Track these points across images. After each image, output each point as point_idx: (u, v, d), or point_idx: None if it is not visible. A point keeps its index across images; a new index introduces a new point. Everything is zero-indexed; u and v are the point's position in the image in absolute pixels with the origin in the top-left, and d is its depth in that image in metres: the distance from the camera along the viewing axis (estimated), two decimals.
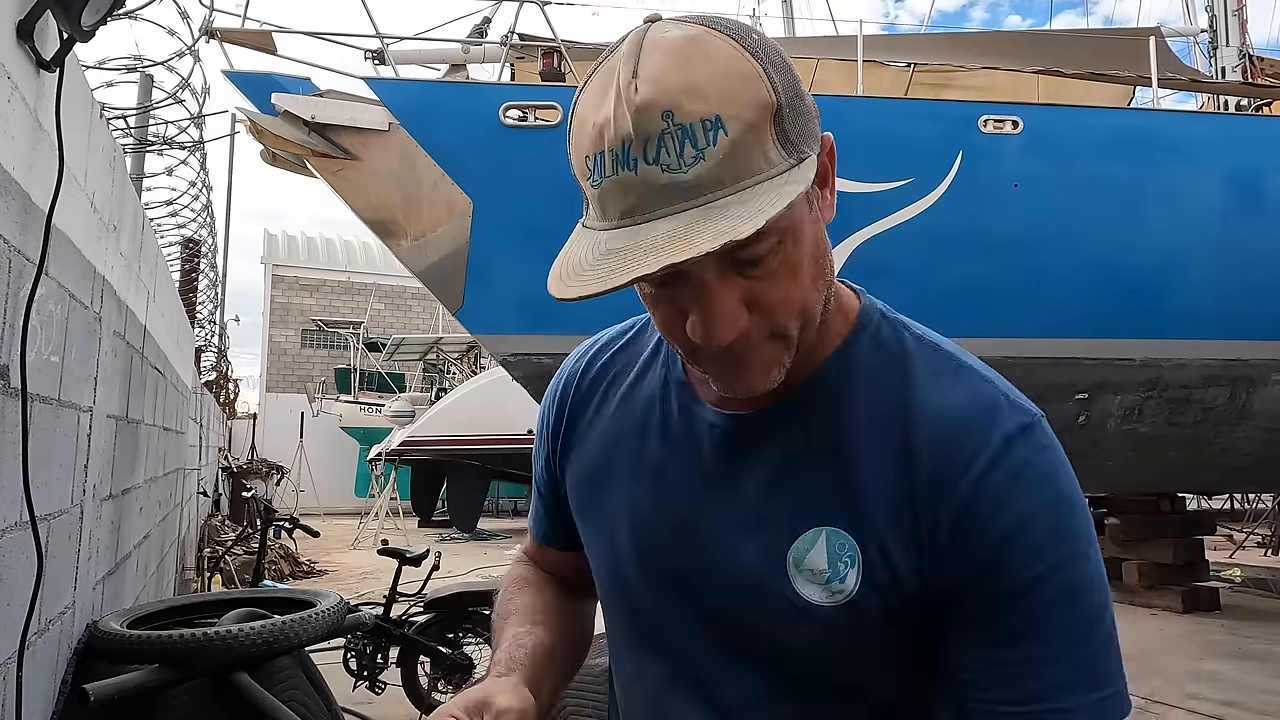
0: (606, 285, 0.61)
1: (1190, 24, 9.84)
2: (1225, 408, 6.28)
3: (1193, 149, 6.11)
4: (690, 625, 0.78)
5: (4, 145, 1.42)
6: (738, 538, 0.76)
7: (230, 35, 5.42)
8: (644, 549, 0.81)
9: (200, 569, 6.71)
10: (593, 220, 0.67)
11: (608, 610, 0.89)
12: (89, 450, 2.20)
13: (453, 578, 7.09)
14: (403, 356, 19.84)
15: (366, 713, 4.06)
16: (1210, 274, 5.91)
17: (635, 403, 0.87)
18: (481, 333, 6.08)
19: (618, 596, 0.85)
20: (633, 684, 0.85)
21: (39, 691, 1.77)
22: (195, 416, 7.04)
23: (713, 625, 0.77)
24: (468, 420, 13.71)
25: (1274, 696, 4.85)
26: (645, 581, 0.81)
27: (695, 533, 0.78)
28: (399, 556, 4.60)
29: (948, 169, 5.70)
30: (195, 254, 7.38)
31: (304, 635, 2.12)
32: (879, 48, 7.82)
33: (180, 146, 5.05)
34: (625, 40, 0.65)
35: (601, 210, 0.65)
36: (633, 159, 0.60)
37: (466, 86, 5.98)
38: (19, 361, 1.46)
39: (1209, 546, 8.41)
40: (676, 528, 0.79)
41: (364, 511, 14.66)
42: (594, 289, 0.62)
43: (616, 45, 0.65)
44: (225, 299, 12.83)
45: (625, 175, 0.61)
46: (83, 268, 2.06)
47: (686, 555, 0.78)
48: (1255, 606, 7.70)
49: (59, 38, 1.66)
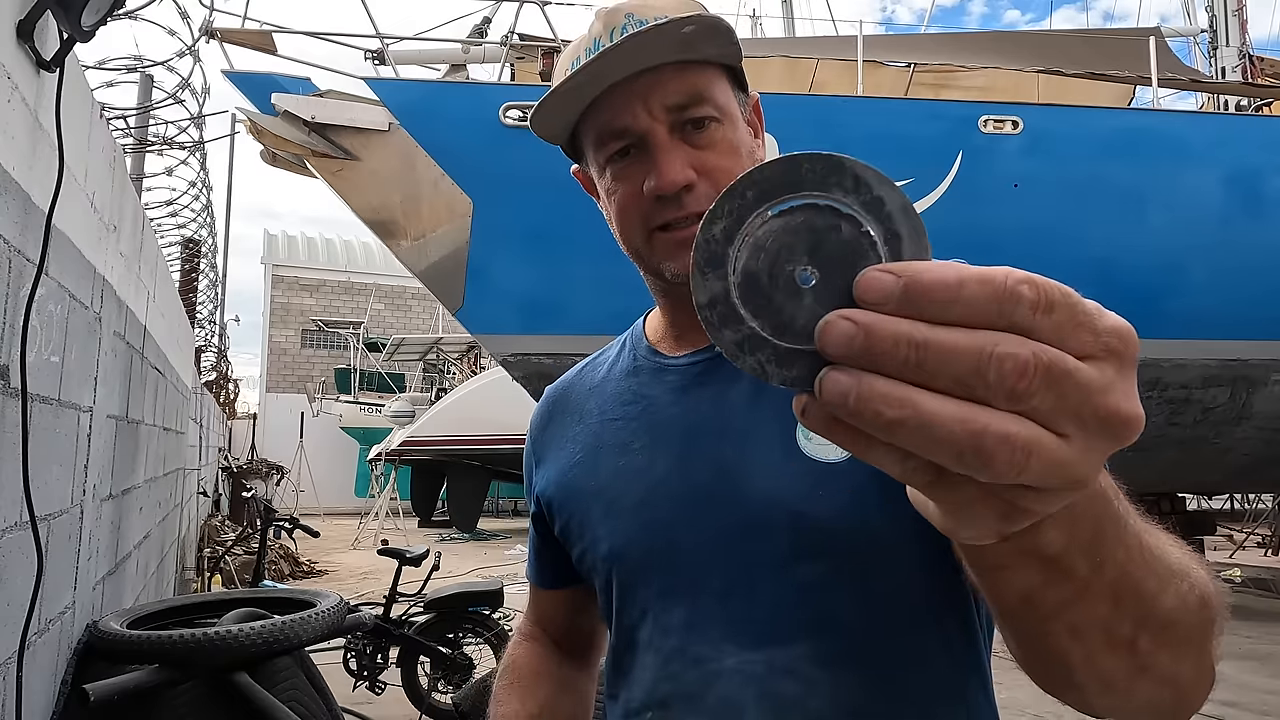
0: (584, 85, 0.75)
1: (1190, 24, 9.85)
2: (1225, 408, 6.28)
3: (1193, 149, 6.11)
4: (716, 552, 0.76)
5: (4, 145, 1.42)
6: (745, 443, 0.76)
7: (230, 35, 5.42)
8: (660, 498, 0.79)
9: (200, 569, 6.71)
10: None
11: (610, 593, 0.85)
12: (89, 450, 2.20)
13: (453, 578, 7.10)
14: (403, 356, 19.84)
15: (366, 713, 4.06)
16: (1210, 274, 5.91)
17: (609, 386, 0.89)
18: (481, 333, 6.08)
19: (631, 563, 0.82)
20: (644, 654, 0.81)
21: (39, 691, 1.77)
22: (195, 416, 7.04)
23: (749, 541, 0.75)
24: (468, 420, 13.71)
25: (1274, 696, 4.85)
26: (662, 530, 0.79)
27: (706, 460, 0.78)
28: (399, 556, 4.60)
29: (948, 169, 5.71)
30: (195, 254, 7.38)
31: (304, 635, 2.12)
32: (879, 48, 7.83)
33: (180, 146, 5.05)
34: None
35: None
36: (600, 45, 0.74)
37: (466, 86, 5.98)
38: (19, 361, 1.46)
39: (1209, 546, 8.42)
40: (685, 464, 0.79)
41: (364, 511, 14.68)
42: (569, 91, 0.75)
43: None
44: (225, 299, 12.84)
45: (592, 57, 0.74)
46: (83, 268, 2.06)
47: (708, 483, 0.77)
48: (1255, 606, 7.70)
49: (59, 38, 1.66)
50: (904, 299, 0.30)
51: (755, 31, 15.79)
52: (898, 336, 0.30)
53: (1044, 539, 0.39)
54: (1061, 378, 0.30)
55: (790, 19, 13.49)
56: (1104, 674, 0.48)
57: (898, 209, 0.32)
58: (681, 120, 0.76)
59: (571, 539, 0.88)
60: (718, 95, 0.77)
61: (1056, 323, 0.31)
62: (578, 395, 0.93)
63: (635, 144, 0.77)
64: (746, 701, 0.72)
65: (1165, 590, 0.46)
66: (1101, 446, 0.32)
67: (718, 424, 0.78)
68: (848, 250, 0.32)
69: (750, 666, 0.73)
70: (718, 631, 0.75)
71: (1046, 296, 0.31)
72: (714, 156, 0.77)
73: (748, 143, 0.80)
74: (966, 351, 0.30)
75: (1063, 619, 0.45)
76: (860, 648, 0.72)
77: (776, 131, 6.19)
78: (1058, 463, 0.31)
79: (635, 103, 0.75)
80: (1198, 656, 0.50)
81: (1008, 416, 0.30)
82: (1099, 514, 0.41)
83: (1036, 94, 7.32)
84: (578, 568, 0.89)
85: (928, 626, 0.73)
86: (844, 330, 0.31)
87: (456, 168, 5.52)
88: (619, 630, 0.84)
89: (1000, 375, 0.29)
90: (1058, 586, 0.43)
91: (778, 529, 0.73)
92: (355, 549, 12.02)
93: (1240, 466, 6.93)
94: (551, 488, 0.90)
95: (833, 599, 0.72)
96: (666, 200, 0.76)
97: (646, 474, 0.81)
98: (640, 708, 0.79)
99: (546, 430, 0.94)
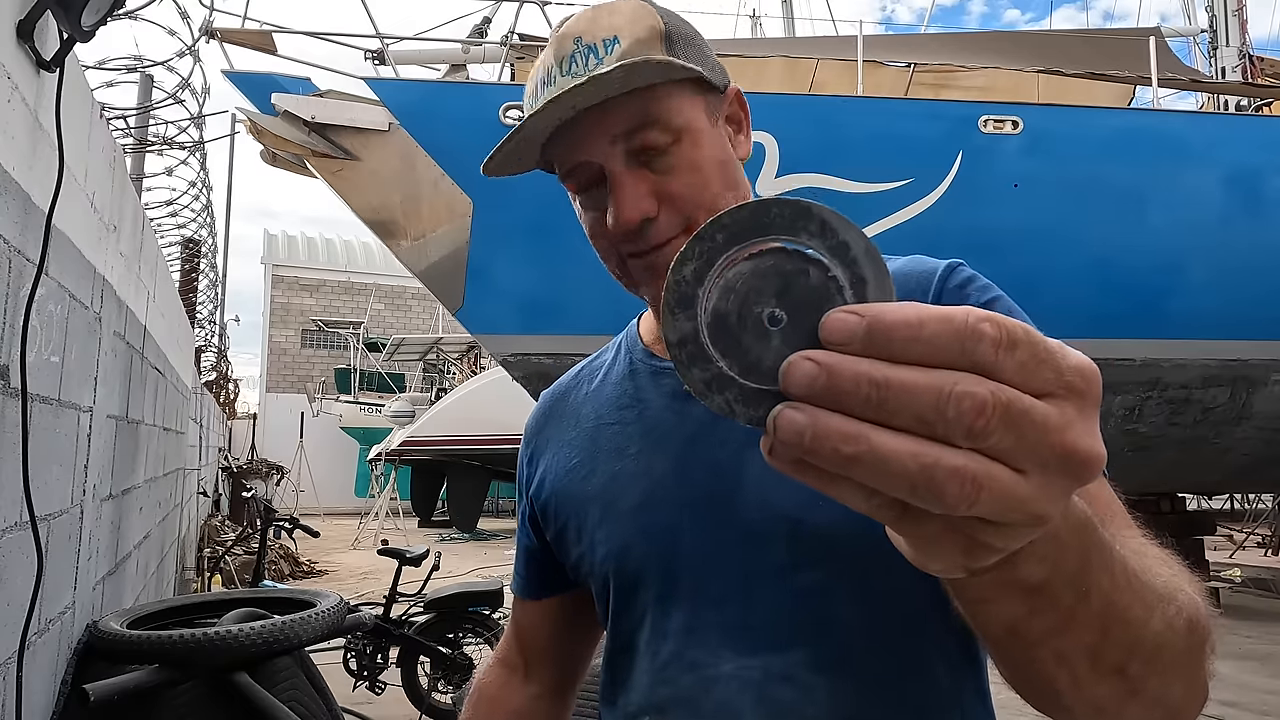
0: (516, 141, 0.75)
1: (1190, 24, 9.85)
2: (1225, 408, 6.28)
3: (1193, 149, 6.11)
4: (714, 557, 0.75)
5: (4, 145, 1.42)
6: (743, 448, 0.75)
7: (230, 35, 5.42)
8: (658, 502, 0.79)
9: (200, 569, 6.72)
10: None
11: (607, 598, 0.84)
12: (89, 450, 2.20)
13: (453, 578, 7.10)
14: (403, 357, 19.85)
15: (366, 713, 4.06)
16: (1210, 274, 5.91)
17: (606, 390, 0.89)
18: (481, 333, 6.08)
19: (629, 566, 0.81)
20: (641, 659, 0.80)
21: (39, 691, 1.77)
22: (195, 416, 7.04)
23: (748, 546, 0.75)
24: (468, 420, 13.72)
25: (1274, 696, 4.85)
26: (660, 534, 0.78)
27: (704, 465, 0.77)
28: (399, 556, 4.60)
29: (948, 169, 5.71)
30: (195, 254, 7.38)
31: (304, 635, 2.12)
32: (879, 48, 7.83)
33: (180, 146, 5.05)
34: None
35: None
36: (553, 77, 0.75)
37: (466, 86, 5.98)
38: (19, 361, 1.46)
39: (1209, 546, 8.42)
40: (683, 467, 0.78)
41: (364, 512, 14.68)
42: (504, 147, 0.76)
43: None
44: (225, 299, 12.84)
45: (548, 91, 0.74)
46: (83, 268, 2.06)
47: (706, 487, 0.77)
48: (1255, 606, 7.71)
49: (59, 38, 1.66)
50: (868, 338, 0.31)
51: (755, 31, 15.80)
52: (858, 376, 0.31)
53: (1023, 571, 0.40)
54: (1019, 416, 0.31)
55: (790, 19, 13.50)
56: (1093, 699, 0.48)
57: (862, 253, 0.34)
58: (636, 148, 0.74)
59: (568, 544, 0.87)
60: (672, 115, 0.74)
61: (1019, 361, 0.31)
62: (574, 400, 0.92)
63: (595, 177, 0.76)
64: (743, 707, 0.72)
65: (1152, 616, 0.46)
66: (1061, 484, 0.33)
67: (715, 428, 0.78)
68: (814, 294, 0.33)
69: (747, 672, 0.72)
70: (715, 637, 0.74)
71: (1009, 335, 0.31)
72: (674, 182, 0.75)
73: (717, 152, 0.78)
74: (926, 390, 0.30)
75: (1049, 646, 0.45)
76: (857, 654, 0.71)
77: (776, 132, 6.19)
78: (1013, 497, 0.31)
79: (587, 138, 0.75)
80: (1188, 678, 0.50)
81: (961, 452, 0.31)
82: (1084, 544, 0.42)
83: (1036, 94, 7.32)
84: (573, 574, 0.89)
85: (925, 633, 0.73)
86: (806, 371, 0.31)
87: (456, 168, 5.52)
88: (615, 634, 0.84)
89: (959, 413, 0.30)
90: (1042, 616, 0.43)
91: (777, 536, 0.73)
92: (355, 549, 12.02)
93: (1240, 466, 6.93)
94: (547, 492, 0.89)
95: (831, 605, 0.72)
96: (631, 232, 0.75)
97: (644, 478, 0.80)
98: (637, 712, 0.79)
99: (542, 434, 0.94)
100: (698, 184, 0.75)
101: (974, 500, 0.31)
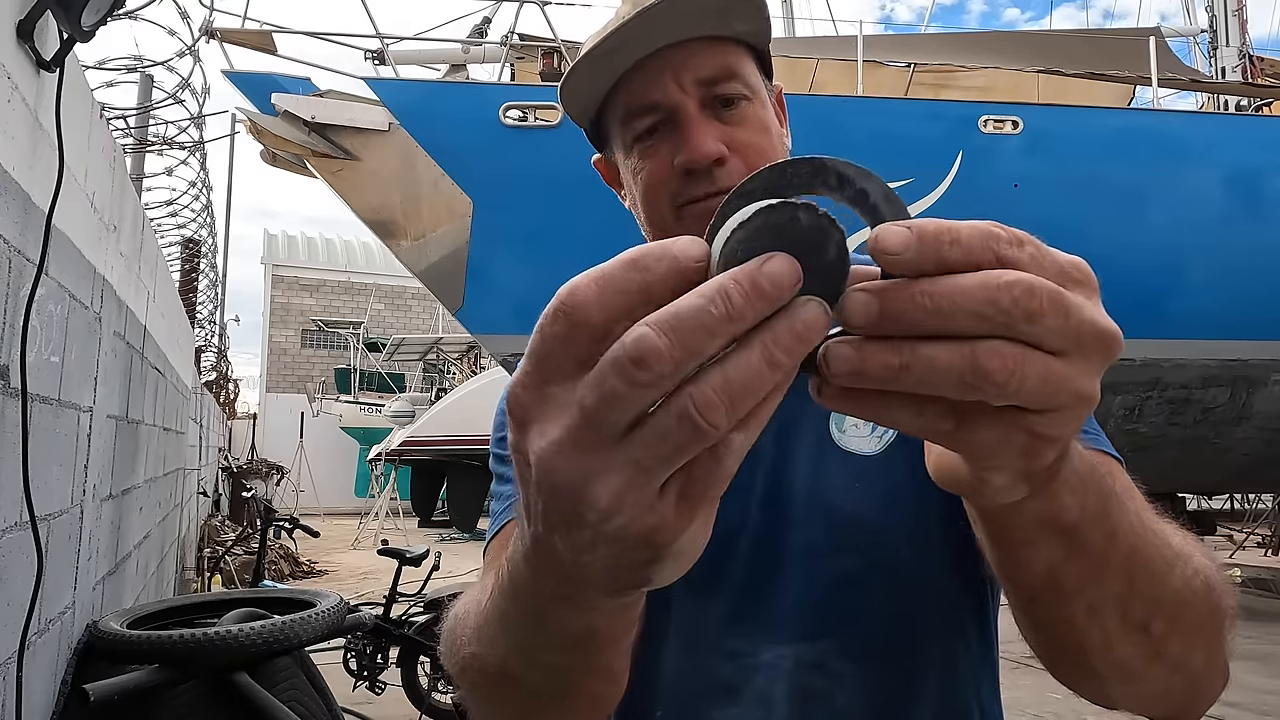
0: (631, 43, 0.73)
1: (1190, 24, 9.85)
2: (1225, 408, 6.28)
3: (1193, 149, 6.11)
4: (748, 541, 0.74)
5: (4, 145, 1.42)
6: (779, 433, 0.75)
7: (230, 35, 5.43)
8: None
9: (200, 569, 6.71)
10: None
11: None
12: (89, 450, 2.20)
13: (453, 578, 7.09)
14: (403, 357, 19.85)
15: (366, 713, 4.06)
16: (1210, 274, 5.91)
17: None
18: (481, 333, 6.08)
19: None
20: (666, 643, 0.77)
21: (39, 691, 1.77)
22: (195, 416, 7.04)
23: (783, 531, 0.74)
24: (468, 420, 13.70)
25: (1274, 696, 4.85)
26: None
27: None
28: (399, 556, 4.60)
29: (948, 169, 5.71)
30: (195, 254, 7.37)
31: (304, 635, 2.12)
32: (879, 48, 7.83)
33: (180, 146, 5.05)
34: None
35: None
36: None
37: (466, 86, 5.98)
38: (19, 361, 1.46)
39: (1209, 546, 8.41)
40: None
41: (364, 512, 14.68)
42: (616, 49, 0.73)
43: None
44: (225, 299, 12.84)
45: (626, 19, 0.73)
46: (83, 268, 2.06)
47: (741, 472, 0.74)
48: (1255, 606, 7.70)
49: (59, 38, 1.66)
50: (920, 243, 0.33)
51: None
52: (913, 290, 0.32)
53: (1061, 503, 0.43)
54: (1060, 298, 0.33)
55: (790, 19, 13.48)
56: (1120, 660, 0.51)
57: (881, 199, 0.35)
58: (712, 96, 0.75)
59: None
60: (748, 74, 0.77)
61: (1030, 255, 0.34)
62: None
63: (664, 119, 0.75)
64: (776, 695, 0.71)
65: (1171, 572, 0.49)
66: (1096, 360, 0.35)
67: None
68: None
69: (780, 660, 0.72)
70: (747, 624, 0.74)
71: (1016, 235, 0.35)
72: (745, 133, 0.75)
73: (776, 126, 0.80)
74: (979, 286, 0.32)
75: (1083, 598, 0.48)
76: (886, 644, 0.72)
77: None
78: (1057, 374, 0.33)
79: (665, 77, 0.74)
80: (1209, 647, 0.53)
81: (997, 341, 0.33)
82: (1101, 487, 0.45)
83: (1036, 94, 7.32)
84: None
85: (950, 626, 0.73)
86: (862, 299, 0.33)
87: (456, 168, 5.52)
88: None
89: (1013, 300, 0.32)
90: (1077, 560, 0.46)
91: (814, 521, 0.73)
92: (355, 549, 12.02)
93: (1240, 466, 6.94)
94: None
95: (863, 594, 0.72)
96: (696, 175, 0.74)
97: None
98: (659, 698, 0.77)
99: None
100: (764, 144, 0.76)
101: (1022, 377, 0.32)
